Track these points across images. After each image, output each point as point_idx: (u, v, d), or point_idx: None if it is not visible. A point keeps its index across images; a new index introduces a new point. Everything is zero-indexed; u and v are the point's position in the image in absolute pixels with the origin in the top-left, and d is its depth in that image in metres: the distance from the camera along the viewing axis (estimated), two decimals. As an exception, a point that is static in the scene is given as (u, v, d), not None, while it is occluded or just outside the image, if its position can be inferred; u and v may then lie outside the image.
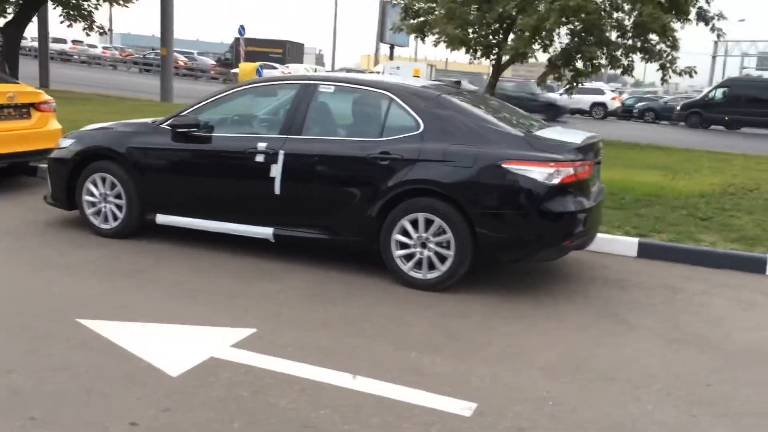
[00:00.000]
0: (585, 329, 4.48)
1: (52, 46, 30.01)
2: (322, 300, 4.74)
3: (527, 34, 13.00)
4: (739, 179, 9.88)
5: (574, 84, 15.68)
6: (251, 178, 5.37)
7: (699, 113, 30.40)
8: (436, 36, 14.07)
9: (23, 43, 22.46)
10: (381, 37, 47.39)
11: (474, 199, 4.82)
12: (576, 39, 14.13)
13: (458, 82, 5.91)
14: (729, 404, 3.54)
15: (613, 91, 38.70)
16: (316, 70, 39.58)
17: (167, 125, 5.68)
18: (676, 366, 3.97)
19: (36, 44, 27.15)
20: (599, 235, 6.39)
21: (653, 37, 14.27)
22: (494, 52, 14.44)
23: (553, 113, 26.32)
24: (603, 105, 34.60)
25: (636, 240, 6.38)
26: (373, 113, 5.34)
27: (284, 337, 4.04)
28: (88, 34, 20.99)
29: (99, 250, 5.59)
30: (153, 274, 5.06)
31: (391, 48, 55.08)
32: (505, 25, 13.96)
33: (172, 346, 3.81)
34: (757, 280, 5.84)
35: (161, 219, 5.78)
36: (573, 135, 5.40)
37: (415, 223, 4.98)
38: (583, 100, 34.43)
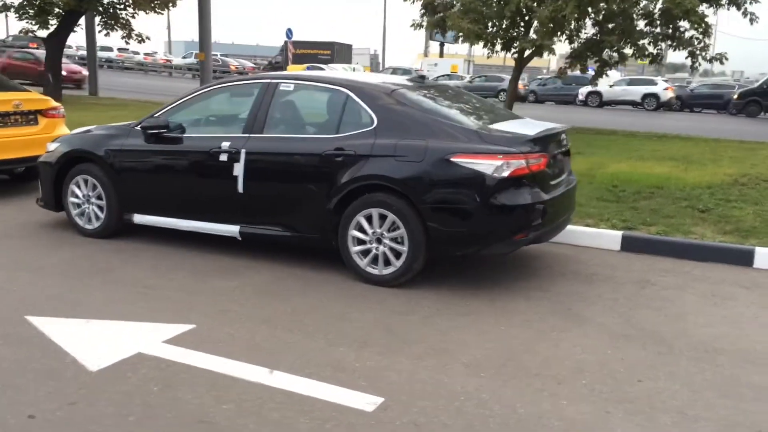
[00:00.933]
0: (530, 325, 4.38)
1: (99, 54, 31.03)
2: (274, 296, 4.78)
3: (550, 26, 12.70)
4: (757, 169, 9.46)
5: (600, 76, 15.28)
6: (217, 177, 5.46)
7: (758, 102, 29.04)
8: (456, 31, 13.92)
9: (71, 51, 23.27)
10: (430, 35, 47.31)
11: (424, 193, 4.78)
12: (598, 29, 13.75)
13: (422, 77, 5.85)
14: (651, 401, 3.41)
15: (665, 81, 37.46)
16: (354, 69, 39.98)
17: (139, 127, 5.82)
18: (612, 362, 3.85)
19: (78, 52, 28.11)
20: (582, 229, 6.29)
21: (684, 24, 13.77)
22: (515, 45, 14.18)
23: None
24: (655, 96, 33.51)
25: (619, 233, 6.19)
26: (331, 110, 5.35)
27: (221, 333, 4.10)
28: (127, 42, 21.59)
29: (77, 250, 5.77)
30: (118, 273, 5.20)
31: (441, 46, 54.88)
32: (526, 18, 13.68)
33: (105, 342, 3.91)
34: (742, 272, 5.60)
35: (138, 219, 5.94)
36: (531, 126, 5.28)
37: (370, 219, 4.97)
38: (635, 92, 33.55)
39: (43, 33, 19.06)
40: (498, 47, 14.30)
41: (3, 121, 7.75)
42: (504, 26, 13.95)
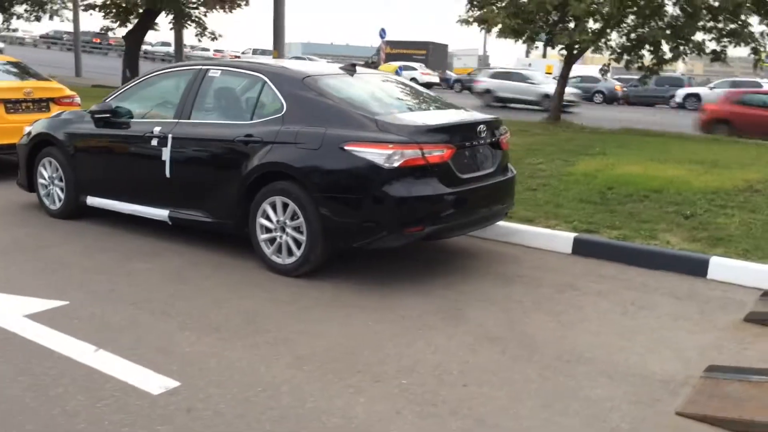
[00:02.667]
0: (402, 322, 4.17)
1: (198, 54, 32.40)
2: (172, 279, 4.82)
3: (594, 25, 12.03)
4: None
5: (650, 73, 14.33)
6: (149, 161, 5.56)
7: None
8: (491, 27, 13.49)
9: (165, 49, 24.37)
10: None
11: (318, 182, 4.67)
12: (642, 24, 12.89)
13: (353, 65, 5.70)
14: (457, 406, 3.17)
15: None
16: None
17: (88, 111, 6.03)
18: (453, 364, 3.61)
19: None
20: (537, 230, 5.99)
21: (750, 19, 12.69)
22: (562, 42, 13.46)
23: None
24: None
25: (572, 236, 5.80)
26: (249, 97, 5.32)
27: (85, 312, 4.17)
28: (199, 40, 22.47)
29: (31, 229, 6.05)
30: (48, 251, 5.39)
31: (544, 46, 53.49)
32: (568, 15, 13.02)
33: (-31, 312, 4.07)
34: (688, 283, 5.10)
35: (89, 201, 6.15)
36: (443, 116, 5.04)
37: (275, 207, 4.90)
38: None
39: (121, 32, 20.16)
40: (535, 43, 13.69)
41: (15, 107, 8.24)
42: (548, 20, 13.36)
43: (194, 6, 20.17)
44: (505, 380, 3.45)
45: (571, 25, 13.37)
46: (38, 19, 25.13)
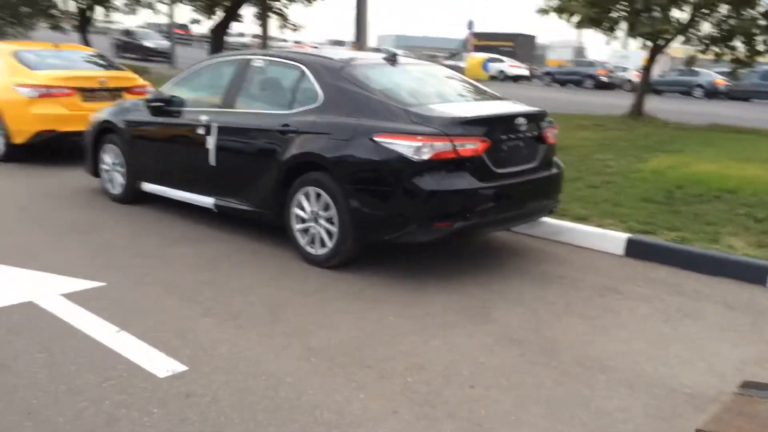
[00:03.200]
0: (423, 319, 4.07)
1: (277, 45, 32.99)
2: (206, 265, 4.89)
3: (680, 14, 11.38)
4: None
5: (742, 66, 13.42)
6: (196, 149, 5.66)
7: None
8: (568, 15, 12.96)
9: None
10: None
11: (349, 172, 4.62)
12: (735, 14, 12.07)
13: (395, 55, 5.58)
14: (457, 408, 3.06)
15: None
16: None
17: (143, 100, 6.21)
18: (465, 365, 3.49)
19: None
20: (589, 229, 5.75)
21: None
22: (643, 32, 12.76)
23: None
24: None
25: (624, 236, 5.50)
26: (288, 86, 5.31)
27: (118, 294, 4.29)
28: (281, 31, 22.86)
29: (89, 212, 6.31)
30: (96, 234, 5.59)
31: (644, 37, 51.32)
32: (652, 4, 12.32)
33: (4, 286, 4.28)
34: (746, 291, 4.74)
35: (145, 187, 6.35)
36: (481, 108, 4.87)
37: (309, 198, 4.90)
38: None
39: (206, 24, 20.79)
40: (615, 33, 13.03)
41: (90, 95, 8.61)
42: (631, 9, 12.72)
43: (276, -2, 20.56)
44: (515, 384, 3.30)
45: (656, 14, 12.71)
46: (134, 12, 26.25)
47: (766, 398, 3.18)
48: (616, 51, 45.85)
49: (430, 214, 4.45)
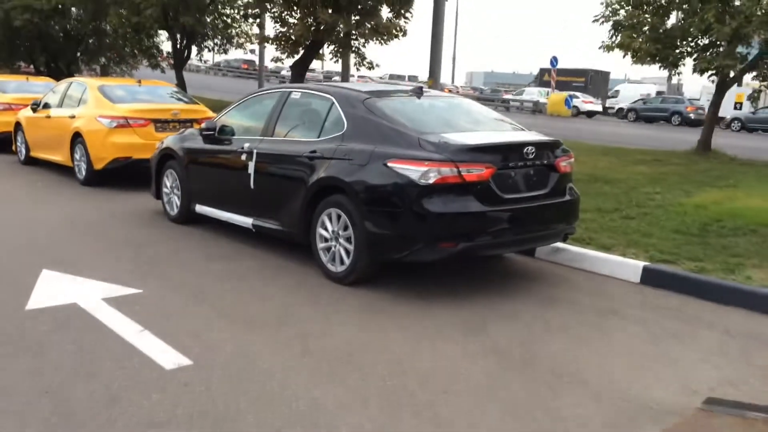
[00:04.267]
0: (417, 331, 4.35)
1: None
2: (236, 279, 5.34)
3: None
4: None
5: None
6: (239, 174, 6.19)
7: None
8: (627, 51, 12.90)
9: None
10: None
11: (364, 195, 4.99)
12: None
13: (420, 88, 5.94)
14: (419, 406, 3.31)
15: None
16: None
17: (198, 129, 6.82)
18: (440, 371, 3.74)
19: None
20: (607, 256, 5.86)
21: None
22: (704, 68, 12.57)
23: None
24: None
25: (641, 264, 5.59)
26: (319, 116, 5.75)
27: (152, 299, 4.79)
28: (357, 69, 23.65)
29: (145, 229, 6.93)
30: (148, 249, 6.17)
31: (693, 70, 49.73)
32: (716, 39, 12.16)
33: (59, 290, 4.85)
34: (753, 321, 4.77)
35: (198, 209, 6.93)
36: (490, 137, 5.15)
37: (331, 218, 5.29)
38: None
39: (288, 62, 21.85)
40: (681, 68, 12.91)
41: (163, 126, 9.41)
42: (696, 46, 12.58)
43: (354, 37, 21.37)
44: (485, 389, 3.54)
45: (722, 48, 12.56)
46: (225, 51, 27.91)
47: (725, 414, 3.29)
48: (705, 86, 44.56)
49: (436, 234, 4.75)
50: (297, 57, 21.69)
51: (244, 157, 6.12)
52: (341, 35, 20.91)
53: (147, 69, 27.47)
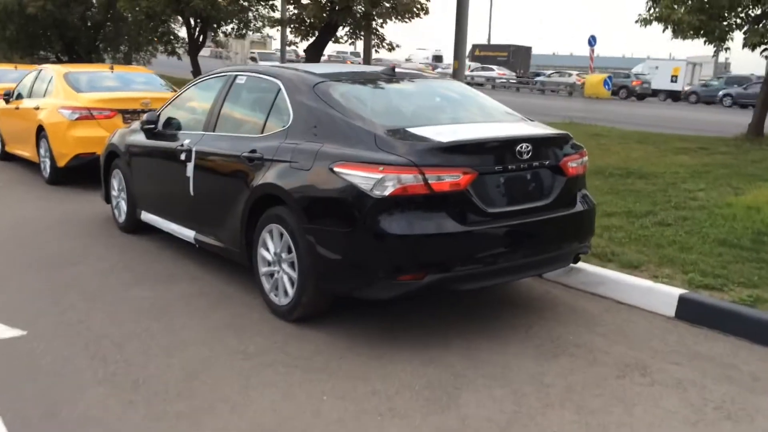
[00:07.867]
0: (361, 402, 3.16)
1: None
2: (156, 314, 4.21)
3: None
4: None
5: None
6: (178, 177, 5.06)
7: None
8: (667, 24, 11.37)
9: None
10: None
11: (306, 209, 3.80)
12: None
13: (393, 68, 4.69)
14: None
15: None
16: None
17: (140, 121, 5.71)
18: None
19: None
20: (636, 280, 4.58)
21: None
22: (754, 42, 11.00)
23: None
24: None
25: (677, 292, 4.31)
26: (265, 105, 4.52)
27: (27, 349, 3.71)
28: (376, 51, 22.35)
29: (81, 241, 5.86)
30: (69, 270, 5.07)
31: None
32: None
33: None
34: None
35: (143, 217, 5.83)
36: (473, 131, 3.91)
37: (273, 236, 4.13)
38: None
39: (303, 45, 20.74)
40: (728, 43, 11.34)
41: (132, 117, 8.31)
42: (747, 17, 11.00)
43: (372, 18, 20.08)
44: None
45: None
46: (243, 36, 26.83)
47: None
48: (648, 62, 42.16)
49: (393, 264, 3.52)
50: (311, 40, 20.58)
51: (183, 156, 4.98)
52: (358, 15, 19.68)
53: (164, 56, 26.63)
